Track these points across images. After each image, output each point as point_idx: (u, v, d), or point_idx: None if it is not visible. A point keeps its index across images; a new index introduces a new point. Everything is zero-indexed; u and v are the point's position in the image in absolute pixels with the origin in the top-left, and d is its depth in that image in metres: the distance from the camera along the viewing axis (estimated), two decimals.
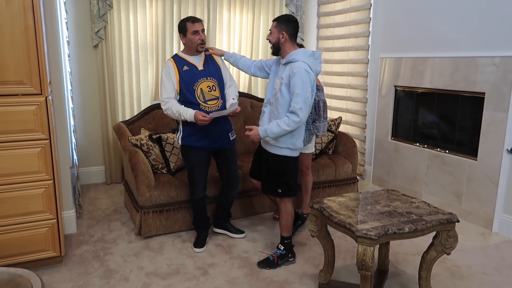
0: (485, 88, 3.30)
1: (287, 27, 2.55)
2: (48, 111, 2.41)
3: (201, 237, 3.01)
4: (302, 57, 2.49)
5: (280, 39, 2.56)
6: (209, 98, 2.77)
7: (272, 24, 2.61)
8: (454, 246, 2.21)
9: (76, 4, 4.00)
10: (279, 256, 2.76)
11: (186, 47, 2.79)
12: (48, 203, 2.50)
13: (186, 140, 2.82)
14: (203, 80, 2.76)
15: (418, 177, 3.97)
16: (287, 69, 2.52)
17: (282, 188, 2.68)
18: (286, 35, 2.55)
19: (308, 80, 2.43)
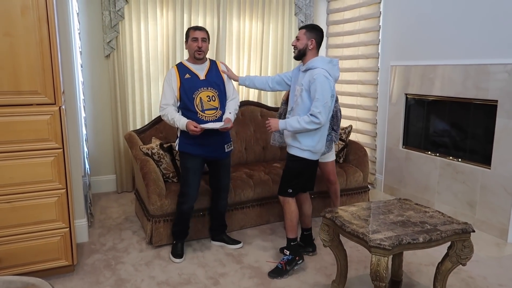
0: (498, 95, 3.26)
1: (317, 35, 2.69)
2: (62, 120, 2.44)
3: (179, 246, 2.98)
4: (321, 63, 2.61)
5: (309, 45, 2.67)
6: (207, 108, 2.80)
7: (301, 31, 2.72)
8: (469, 256, 2.17)
9: (88, 15, 4.06)
10: (286, 262, 2.75)
11: (188, 55, 2.87)
12: (61, 212, 2.52)
13: (183, 146, 2.86)
14: (203, 89, 2.80)
15: (430, 186, 3.92)
16: (306, 75, 2.63)
17: (293, 188, 2.74)
18: (315, 42, 2.67)
19: (327, 86, 2.54)
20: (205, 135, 2.75)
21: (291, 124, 2.59)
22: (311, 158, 2.70)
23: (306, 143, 2.65)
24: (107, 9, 4.02)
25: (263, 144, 4.10)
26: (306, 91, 2.60)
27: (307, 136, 2.64)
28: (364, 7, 4.52)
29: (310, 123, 2.53)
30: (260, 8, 4.73)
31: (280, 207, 3.56)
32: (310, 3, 4.95)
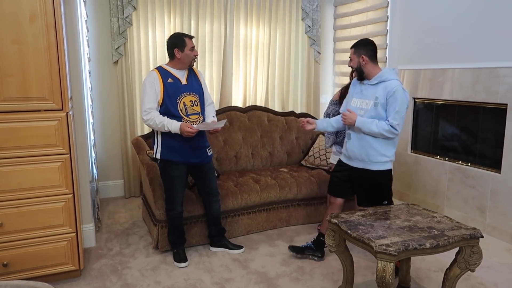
0: (508, 99, 3.21)
1: (365, 50, 2.65)
2: (69, 126, 2.46)
3: (181, 252, 2.97)
4: (394, 75, 2.63)
5: (361, 63, 2.65)
6: (191, 113, 2.80)
7: (350, 51, 2.72)
8: (478, 262, 2.13)
9: (97, 22, 4.12)
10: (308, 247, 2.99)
11: (177, 62, 2.79)
12: (68, 217, 2.54)
13: (166, 154, 2.80)
14: (186, 94, 2.79)
15: (439, 190, 3.87)
16: (379, 89, 2.61)
17: (387, 199, 2.76)
18: (366, 57, 2.64)
19: (406, 98, 2.57)
20: (188, 141, 2.75)
21: (368, 126, 2.59)
22: (391, 167, 2.75)
23: (389, 151, 2.68)
24: (115, 16, 4.07)
25: (270, 149, 4.10)
26: (382, 105, 2.59)
27: (389, 145, 2.67)
28: (371, 12, 4.51)
29: (389, 132, 2.56)
30: (267, 14, 4.74)
31: (287, 212, 3.56)
32: (317, 8, 4.95)
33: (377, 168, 2.69)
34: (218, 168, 3.73)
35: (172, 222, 2.96)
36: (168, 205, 2.92)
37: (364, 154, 2.69)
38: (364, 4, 4.60)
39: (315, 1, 4.92)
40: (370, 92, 2.65)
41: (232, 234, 3.33)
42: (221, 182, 3.44)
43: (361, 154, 2.70)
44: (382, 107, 2.60)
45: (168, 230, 3.02)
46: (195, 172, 2.99)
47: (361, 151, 2.69)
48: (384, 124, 2.56)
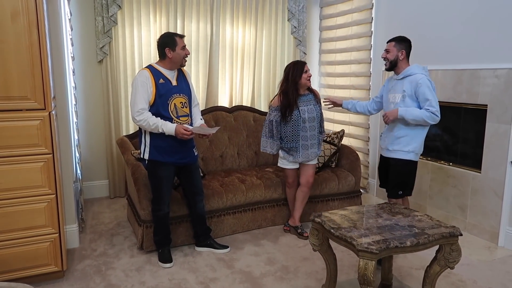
0: (488, 100, 3.29)
1: (406, 46, 2.90)
2: (52, 126, 2.44)
3: (166, 252, 2.96)
4: (419, 70, 2.84)
5: (399, 56, 2.88)
6: (181, 114, 2.80)
7: (390, 44, 2.93)
8: (457, 260, 2.18)
9: (81, 21, 4.07)
10: None
11: (168, 61, 2.77)
12: (51, 217, 2.51)
13: (154, 154, 2.79)
14: (176, 95, 2.78)
15: (422, 190, 3.94)
16: (405, 82, 2.85)
17: (403, 189, 2.97)
18: (405, 53, 2.89)
19: (433, 87, 2.79)
20: (176, 142, 2.75)
21: (412, 112, 2.77)
22: (414, 159, 2.93)
23: (412, 144, 2.88)
24: (100, 14, 4.03)
25: (256, 149, 4.11)
26: (410, 96, 2.81)
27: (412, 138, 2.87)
28: (356, 13, 4.56)
29: (430, 118, 2.74)
30: (253, 14, 4.76)
31: (272, 212, 3.58)
32: (303, 9, 4.99)
33: (397, 156, 2.93)
34: (203, 168, 3.73)
35: (158, 222, 2.95)
36: (155, 205, 2.91)
37: (389, 143, 2.97)
38: (349, 5, 4.65)
39: (301, 2, 4.95)
40: (398, 86, 2.89)
41: (218, 234, 3.34)
42: (206, 182, 3.44)
43: (387, 143, 2.98)
44: (410, 99, 2.81)
45: (153, 230, 3.01)
46: (182, 172, 2.98)
47: (388, 141, 2.98)
48: (424, 111, 2.75)
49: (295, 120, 3.18)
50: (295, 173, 3.39)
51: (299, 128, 3.19)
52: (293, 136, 3.21)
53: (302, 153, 3.23)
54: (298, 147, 3.22)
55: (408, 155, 2.91)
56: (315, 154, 3.32)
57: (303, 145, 3.23)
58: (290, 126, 3.19)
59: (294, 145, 3.22)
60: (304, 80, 3.18)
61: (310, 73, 3.23)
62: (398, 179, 2.96)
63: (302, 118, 3.18)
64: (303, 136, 3.21)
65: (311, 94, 3.28)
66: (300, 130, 3.19)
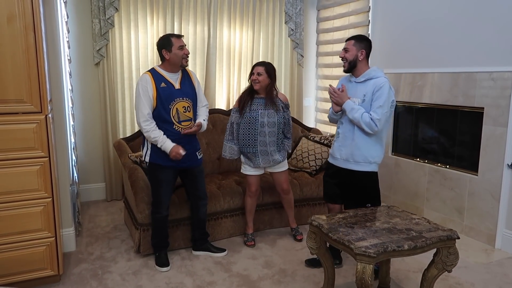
0: (484, 102, 3.30)
1: (366, 46, 2.65)
2: (48, 129, 2.42)
3: (163, 256, 2.94)
4: (382, 73, 2.63)
5: (359, 56, 2.63)
6: (183, 119, 2.77)
7: (349, 42, 2.67)
8: (455, 263, 2.18)
9: (78, 23, 4.06)
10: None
11: (167, 63, 2.75)
12: (47, 221, 2.50)
13: (155, 158, 2.79)
14: (179, 100, 2.75)
15: (419, 192, 3.94)
16: (368, 86, 2.59)
17: (371, 202, 2.71)
18: (365, 53, 2.63)
19: (391, 96, 2.56)
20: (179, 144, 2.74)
21: (354, 112, 2.56)
22: (376, 170, 2.73)
23: (374, 154, 2.66)
24: (97, 17, 4.03)
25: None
26: (369, 101, 2.58)
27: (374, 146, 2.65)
28: (353, 16, 4.57)
29: (368, 125, 2.53)
30: (250, 17, 4.76)
31: (270, 215, 3.57)
32: (300, 12, 4.99)
33: (359, 169, 2.68)
34: None
35: (156, 225, 2.93)
36: (154, 208, 2.90)
37: (349, 154, 2.68)
38: (346, 8, 4.66)
39: (298, 5, 4.96)
40: (359, 90, 2.64)
41: (215, 237, 3.33)
42: None
43: (346, 153, 2.69)
44: (368, 103, 2.58)
45: (152, 233, 2.99)
46: (185, 175, 2.96)
47: (347, 151, 2.69)
48: (367, 116, 2.54)
49: (251, 123, 3.06)
50: (258, 180, 3.25)
51: (256, 131, 3.06)
52: (249, 140, 3.09)
53: (261, 158, 3.11)
54: (256, 152, 3.09)
55: (370, 167, 2.68)
56: (276, 161, 3.15)
57: (262, 151, 3.09)
58: (246, 129, 3.08)
59: (252, 150, 3.10)
60: (252, 81, 3.07)
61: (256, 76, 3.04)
62: (364, 193, 2.73)
63: (260, 121, 3.05)
64: (260, 141, 3.07)
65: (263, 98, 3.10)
66: (258, 134, 3.06)
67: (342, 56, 2.69)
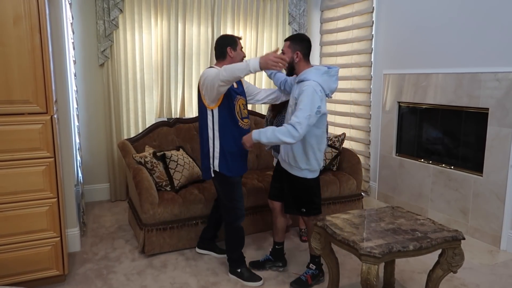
0: (489, 103, 3.29)
1: (301, 46, 2.53)
2: (53, 129, 2.44)
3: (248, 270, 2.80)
4: (314, 76, 2.44)
5: (295, 58, 2.52)
6: (244, 116, 2.73)
7: (285, 44, 2.57)
8: (460, 264, 2.17)
9: (82, 24, 4.08)
10: (311, 275, 2.70)
11: (228, 61, 2.65)
12: (52, 221, 2.51)
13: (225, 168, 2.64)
14: (239, 97, 2.71)
15: (423, 193, 3.93)
16: (298, 88, 2.48)
17: (305, 207, 2.66)
18: (301, 54, 2.52)
19: (316, 99, 2.36)
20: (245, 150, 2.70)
21: (265, 134, 2.38)
22: (311, 176, 2.61)
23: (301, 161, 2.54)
24: (101, 18, 4.04)
25: (257, 152, 4.11)
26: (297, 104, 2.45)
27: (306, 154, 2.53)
28: (357, 16, 4.57)
29: (286, 134, 2.31)
30: (254, 18, 4.77)
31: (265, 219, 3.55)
32: (304, 13, 5.00)
33: (292, 172, 2.61)
34: None
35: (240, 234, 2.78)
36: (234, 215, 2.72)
37: (285, 155, 2.62)
38: (350, 9, 4.66)
39: (302, 6, 4.97)
40: (295, 91, 2.53)
41: (220, 237, 3.32)
42: (207, 185, 3.44)
43: (284, 154, 2.64)
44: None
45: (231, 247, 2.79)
46: None
47: (284, 151, 2.64)
48: (283, 127, 2.35)
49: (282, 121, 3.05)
50: None
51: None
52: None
53: None
54: None
55: (302, 173, 2.58)
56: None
57: None
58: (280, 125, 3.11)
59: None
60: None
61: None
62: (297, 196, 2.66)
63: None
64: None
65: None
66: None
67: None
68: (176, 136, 3.83)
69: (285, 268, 2.91)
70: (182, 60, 4.48)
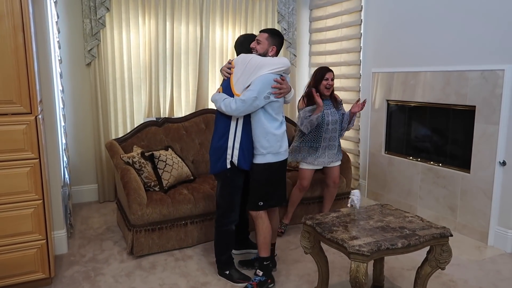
0: (476, 101, 3.32)
1: (279, 42, 2.62)
2: (38, 130, 2.39)
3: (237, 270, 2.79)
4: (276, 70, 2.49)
5: (269, 51, 2.58)
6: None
7: (263, 35, 2.58)
8: (448, 260, 2.19)
9: (68, 23, 4.02)
10: (258, 283, 2.59)
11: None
12: (38, 223, 2.46)
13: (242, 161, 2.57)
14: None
15: (412, 190, 3.96)
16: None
17: (264, 199, 2.59)
18: (276, 49, 2.60)
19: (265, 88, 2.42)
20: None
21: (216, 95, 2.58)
22: (275, 160, 2.54)
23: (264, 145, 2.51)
24: (88, 17, 3.99)
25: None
26: None
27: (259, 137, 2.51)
28: (345, 15, 4.58)
29: (226, 104, 2.44)
30: (243, 17, 4.75)
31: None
32: (293, 11, 4.99)
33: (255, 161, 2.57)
34: (194, 171, 3.70)
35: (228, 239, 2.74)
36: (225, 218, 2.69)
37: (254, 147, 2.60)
38: (339, 7, 4.67)
39: (291, 4, 4.96)
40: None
41: (209, 237, 3.31)
42: (197, 185, 3.42)
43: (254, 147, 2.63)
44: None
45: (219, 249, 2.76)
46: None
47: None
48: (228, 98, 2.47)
49: (319, 123, 3.24)
50: (311, 176, 3.40)
51: (322, 130, 3.26)
52: (315, 137, 3.29)
53: (321, 153, 3.31)
54: (319, 147, 3.30)
55: (265, 158, 2.53)
56: (335, 155, 3.38)
57: (324, 146, 3.31)
58: (314, 128, 3.25)
59: (315, 145, 3.30)
60: (323, 87, 3.24)
61: (331, 82, 3.24)
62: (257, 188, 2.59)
63: (326, 120, 3.24)
64: (324, 138, 3.29)
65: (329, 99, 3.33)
66: (323, 132, 3.27)
67: (253, 47, 2.60)
68: (165, 136, 3.79)
69: (274, 269, 2.89)
70: (170, 59, 4.44)
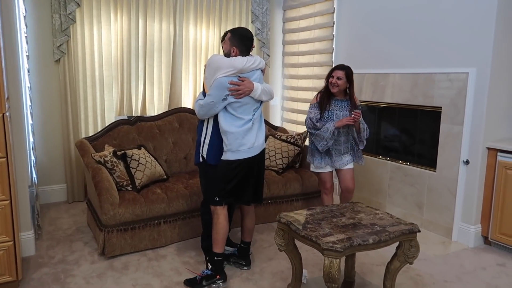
0: (442, 102, 3.46)
1: (239, 44, 2.58)
2: (5, 128, 2.31)
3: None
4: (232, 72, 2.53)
5: (231, 52, 2.59)
6: None
7: (228, 35, 2.61)
8: (416, 255, 2.27)
9: (36, 18, 3.90)
10: (204, 276, 2.61)
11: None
12: (4, 224, 2.38)
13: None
14: None
15: (382, 188, 4.08)
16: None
17: (219, 194, 2.60)
18: (237, 50, 2.58)
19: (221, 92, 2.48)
20: None
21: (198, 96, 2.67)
22: (233, 158, 2.56)
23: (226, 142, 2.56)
24: (57, 12, 3.88)
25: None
26: None
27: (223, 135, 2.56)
28: (318, 17, 4.66)
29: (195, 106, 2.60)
30: (217, 16, 4.75)
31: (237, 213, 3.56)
32: (267, 12, 5.03)
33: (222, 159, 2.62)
34: (167, 170, 3.67)
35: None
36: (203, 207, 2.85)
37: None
38: (312, 9, 4.74)
39: (265, 5, 5.00)
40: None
41: (183, 237, 3.30)
42: (170, 184, 3.39)
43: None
44: None
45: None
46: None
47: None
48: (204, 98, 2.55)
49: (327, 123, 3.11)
50: (331, 176, 3.31)
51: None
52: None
53: (335, 157, 3.20)
54: (331, 151, 3.18)
55: (225, 155, 2.59)
56: (349, 161, 3.25)
57: (336, 150, 3.19)
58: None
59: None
60: (329, 84, 3.15)
61: (335, 80, 3.11)
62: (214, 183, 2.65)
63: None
64: (336, 141, 3.16)
65: (347, 101, 3.21)
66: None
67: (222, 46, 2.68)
68: (138, 134, 3.74)
69: (248, 268, 2.91)
70: (143, 56, 4.38)
